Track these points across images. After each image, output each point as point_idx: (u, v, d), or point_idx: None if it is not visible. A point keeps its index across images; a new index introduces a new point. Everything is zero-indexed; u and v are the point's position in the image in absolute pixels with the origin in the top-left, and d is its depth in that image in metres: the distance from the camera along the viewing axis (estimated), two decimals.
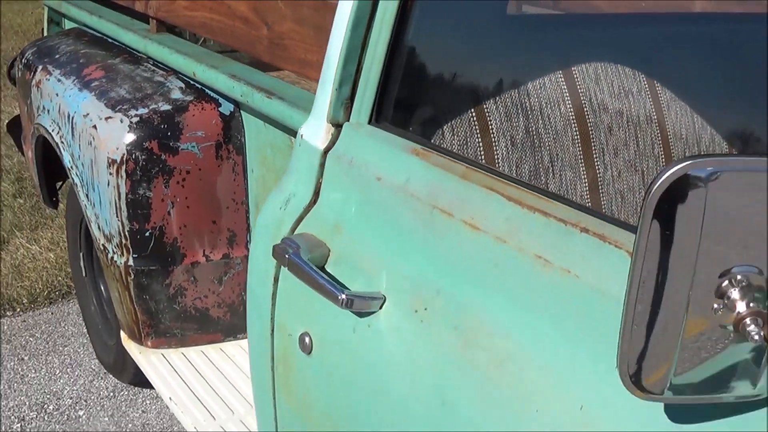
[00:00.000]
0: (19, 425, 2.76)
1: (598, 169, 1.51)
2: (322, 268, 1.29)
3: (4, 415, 2.80)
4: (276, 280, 1.40)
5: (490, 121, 1.42)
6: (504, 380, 1.01)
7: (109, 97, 2.44)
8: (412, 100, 1.39)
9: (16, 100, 4.43)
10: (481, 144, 1.42)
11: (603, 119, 1.55)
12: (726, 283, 0.72)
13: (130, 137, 2.27)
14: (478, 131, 1.41)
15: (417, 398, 1.12)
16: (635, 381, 0.78)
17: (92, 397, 2.90)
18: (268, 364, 1.45)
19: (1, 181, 4.67)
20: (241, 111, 2.25)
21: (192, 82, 2.36)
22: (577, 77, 1.55)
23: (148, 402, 2.89)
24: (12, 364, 3.10)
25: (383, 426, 1.18)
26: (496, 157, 1.43)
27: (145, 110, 2.31)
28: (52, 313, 3.46)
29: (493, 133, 1.43)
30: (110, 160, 2.29)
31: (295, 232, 1.37)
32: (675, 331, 0.75)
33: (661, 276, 0.72)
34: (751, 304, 0.71)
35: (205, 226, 2.32)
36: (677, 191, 0.69)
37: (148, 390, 2.91)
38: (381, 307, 1.19)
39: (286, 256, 1.28)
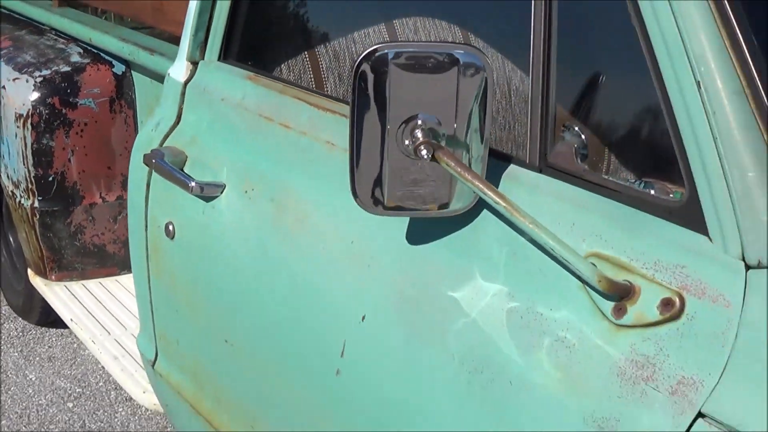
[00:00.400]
0: None
1: None
2: (181, 170, 1.68)
3: None
4: (148, 184, 1.79)
5: (321, 61, 1.83)
6: (303, 230, 1.43)
7: (17, 62, 2.78)
8: (253, 43, 1.79)
9: None
10: (312, 80, 1.82)
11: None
12: (413, 124, 1.12)
13: (35, 95, 2.62)
14: (310, 69, 1.82)
15: (247, 252, 1.53)
16: (364, 203, 1.19)
17: (3, 338, 3.22)
18: (144, 254, 1.84)
19: None
20: (132, 71, 2.63)
21: (89, 48, 2.71)
22: (397, 29, 1.96)
23: (54, 339, 3.22)
24: None
25: (226, 279, 1.58)
26: (326, 89, 1.83)
27: (48, 72, 2.66)
28: None
29: (323, 71, 1.83)
30: (17, 115, 2.63)
31: (162, 146, 1.76)
32: (384, 163, 1.16)
33: (366, 126, 1.14)
34: (425, 137, 1.11)
35: (101, 171, 2.68)
36: (372, 67, 1.10)
37: (54, 329, 3.24)
38: (222, 192, 1.59)
39: (153, 161, 1.68)
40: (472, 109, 1.11)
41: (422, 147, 1.10)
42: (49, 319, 3.14)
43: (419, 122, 1.11)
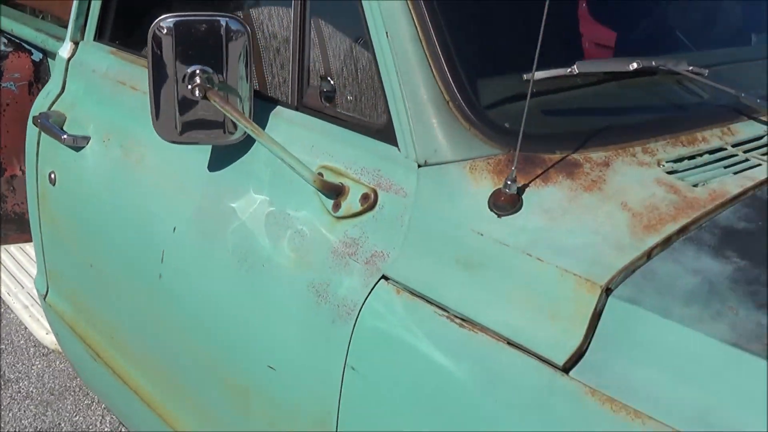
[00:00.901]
0: None
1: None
2: (61, 128, 2.06)
3: None
4: (38, 143, 2.17)
5: None
6: (141, 167, 1.81)
7: None
8: (121, 25, 2.16)
9: None
10: None
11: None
12: (193, 72, 1.50)
13: None
14: None
15: (104, 189, 1.91)
16: (163, 134, 1.56)
17: None
18: (35, 202, 2.21)
19: None
20: (48, 58, 3.01)
21: (12, 38, 3.09)
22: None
23: None
24: None
25: (91, 213, 1.96)
26: None
27: None
28: None
29: None
30: None
31: (49, 110, 2.14)
32: (175, 104, 1.54)
33: (162, 77, 1.52)
34: (200, 82, 1.50)
35: (20, 146, 3.04)
36: (163, 32, 1.49)
37: None
38: (88, 143, 1.97)
39: (40, 121, 2.06)
40: (238, 62, 1.50)
41: (196, 89, 1.48)
42: None
43: (197, 72, 1.49)
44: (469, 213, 1.27)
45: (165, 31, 1.47)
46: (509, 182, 1.23)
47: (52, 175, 2.10)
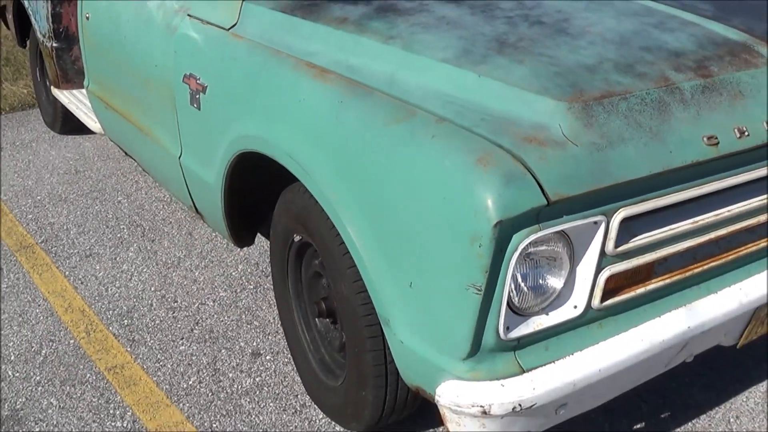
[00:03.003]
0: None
1: None
2: None
3: None
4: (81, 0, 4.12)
5: None
6: (120, 5, 3.73)
7: None
8: None
9: None
10: None
11: None
12: None
13: None
14: None
15: (109, 20, 3.83)
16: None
17: (44, 137, 5.62)
18: (82, 32, 4.16)
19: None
20: None
21: None
22: None
23: (70, 139, 5.60)
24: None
25: (104, 33, 3.89)
26: None
27: None
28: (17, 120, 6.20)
29: None
30: None
31: None
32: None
33: None
34: None
35: None
36: None
37: (72, 137, 5.61)
38: None
39: None
40: None
41: None
42: (65, 128, 5.52)
43: None
44: None
45: None
46: None
47: (87, 16, 4.03)
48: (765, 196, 2.29)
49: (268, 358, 3.07)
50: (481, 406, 1.93)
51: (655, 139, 2.01)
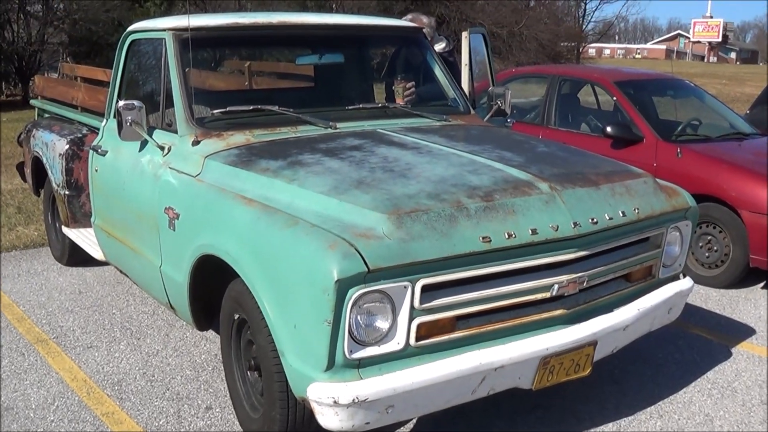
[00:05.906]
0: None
1: None
2: (99, 148, 5.41)
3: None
4: (91, 157, 5.52)
5: None
6: (118, 162, 5.13)
7: (53, 130, 6.60)
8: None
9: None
10: None
11: None
12: None
13: (66, 146, 6.41)
14: None
15: (111, 172, 5.22)
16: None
17: (53, 268, 6.92)
18: (91, 182, 5.54)
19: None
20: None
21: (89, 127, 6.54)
22: None
23: (74, 270, 6.90)
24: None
25: (108, 185, 5.26)
26: None
27: (72, 136, 6.46)
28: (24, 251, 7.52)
29: None
30: (59, 154, 6.43)
31: (96, 143, 5.50)
32: None
33: None
34: None
35: None
36: None
37: (76, 268, 6.91)
38: (106, 154, 5.31)
39: (92, 147, 5.43)
40: None
41: None
42: (71, 261, 6.84)
43: None
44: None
45: None
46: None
47: (96, 169, 5.42)
48: (537, 281, 3.58)
49: (217, 410, 4.27)
50: (332, 398, 3.15)
51: (444, 237, 3.33)
